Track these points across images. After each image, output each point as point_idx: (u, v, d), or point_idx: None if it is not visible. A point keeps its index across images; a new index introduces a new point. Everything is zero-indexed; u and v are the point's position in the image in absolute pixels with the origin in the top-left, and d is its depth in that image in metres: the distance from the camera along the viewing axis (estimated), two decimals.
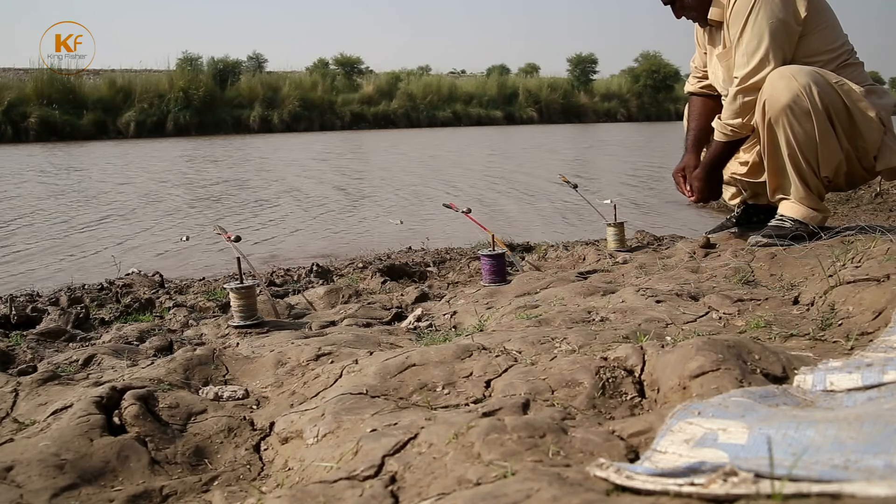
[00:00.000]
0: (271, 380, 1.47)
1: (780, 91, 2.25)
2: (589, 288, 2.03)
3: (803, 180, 2.36)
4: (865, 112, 2.25)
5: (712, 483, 0.61)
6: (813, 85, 2.21)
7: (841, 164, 2.34)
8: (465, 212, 2.86)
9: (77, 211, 6.07)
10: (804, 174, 2.35)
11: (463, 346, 1.31)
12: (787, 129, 2.28)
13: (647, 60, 32.09)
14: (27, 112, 18.66)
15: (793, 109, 2.24)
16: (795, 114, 2.25)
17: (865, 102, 2.25)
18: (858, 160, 2.35)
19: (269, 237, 4.76)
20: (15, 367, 1.78)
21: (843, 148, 2.30)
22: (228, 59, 24.79)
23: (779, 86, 2.26)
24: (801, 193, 2.39)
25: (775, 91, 2.27)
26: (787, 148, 2.32)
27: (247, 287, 2.05)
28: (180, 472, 1.10)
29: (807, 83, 2.22)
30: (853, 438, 0.66)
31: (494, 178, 8.52)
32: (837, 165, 2.33)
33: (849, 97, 2.25)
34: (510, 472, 0.75)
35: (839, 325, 1.31)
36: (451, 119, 26.07)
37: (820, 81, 2.23)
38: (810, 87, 2.21)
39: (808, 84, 2.21)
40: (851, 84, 2.27)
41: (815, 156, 2.31)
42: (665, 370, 1.04)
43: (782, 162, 2.37)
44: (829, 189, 2.49)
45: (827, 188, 2.46)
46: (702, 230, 3.00)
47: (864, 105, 2.25)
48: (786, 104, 2.25)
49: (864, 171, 2.40)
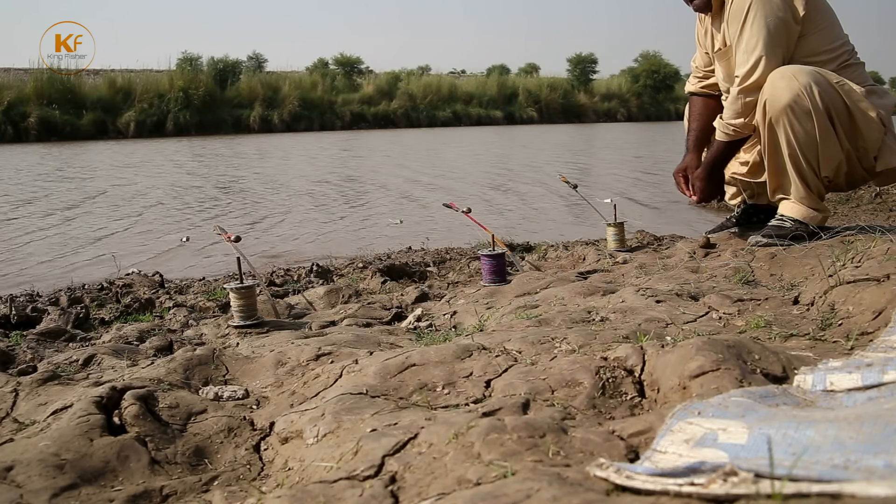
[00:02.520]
0: (271, 380, 1.47)
1: (780, 91, 2.25)
2: (589, 288, 2.03)
3: (804, 180, 2.36)
4: (866, 112, 2.25)
5: (712, 483, 0.61)
6: (814, 85, 2.21)
7: (841, 164, 2.34)
8: (465, 211, 2.86)
9: (77, 211, 6.06)
10: (804, 174, 2.35)
11: (463, 346, 1.31)
12: (788, 129, 2.28)
13: (647, 60, 32.10)
14: (27, 112, 18.66)
15: (793, 109, 2.24)
16: (796, 113, 2.25)
17: (866, 103, 2.25)
18: (859, 160, 2.35)
19: (269, 237, 4.76)
20: (15, 367, 1.78)
21: (843, 148, 2.30)
22: (228, 59, 24.80)
23: (780, 85, 2.26)
24: (801, 193, 2.39)
25: (776, 91, 2.27)
26: (788, 148, 2.32)
27: (247, 287, 2.05)
28: (180, 472, 1.10)
29: (808, 83, 2.21)
30: (853, 438, 0.66)
31: (494, 177, 8.52)
32: (838, 165, 2.33)
33: (849, 97, 2.25)
34: (510, 472, 0.75)
35: (839, 325, 1.31)
36: (451, 119, 26.07)
37: (821, 81, 2.23)
38: (811, 87, 2.21)
39: (809, 84, 2.21)
40: (852, 84, 2.26)
41: (815, 156, 2.31)
42: (665, 370, 1.04)
43: (783, 161, 2.37)
44: (829, 189, 2.49)
45: (827, 188, 2.46)
46: (702, 230, 3.00)
47: (864, 105, 2.25)
48: (786, 104, 2.25)
49: (865, 172, 2.39)
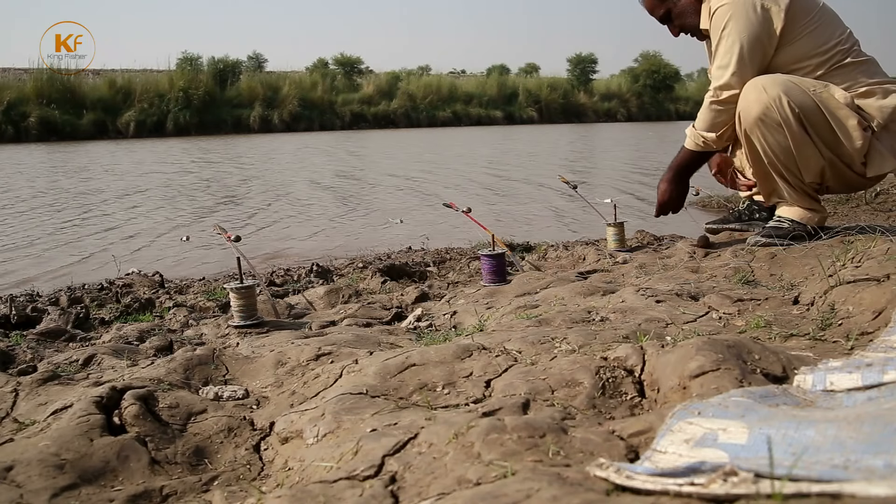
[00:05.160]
0: (271, 380, 1.47)
1: (751, 103, 2.27)
2: (589, 288, 2.03)
3: (790, 185, 2.37)
4: (845, 121, 2.21)
5: (712, 483, 0.61)
6: (783, 96, 2.20)
7: (825, 170, 2.31)
8: (465, 211, 2.86)
9: (77, 210, 6.06)
10: (789, 180, 2.36)
11: (463, 346, 1.31)
12: (762, 140, 2.30)
13: (647, 60, 32.07)
14: (27, 112, 18.66)
15: (764, 121, 2.25)
16: (767, 125, 2.26)
17: (846, 110, 2.21)
18: (848, 166, 2.30)
19: (269, 237, 4.76)
20: (15, 367, 1.78)
21: (823, 156, 2.27)
22: (228, 59, 24.81)
23: (750, 98, 2.27)
24: (793, 196, 2.40)
25: (747, 103, 2.29)
26: (766, 157, 2.34)
27: (247, 287, 2.05)
28: (180, 472, 1.10)
29: (777, 95, 2.21)
30: (853, 438, 0.66)
31: (494, 177, 8.52)
32: (821, 171, 2.32)
33: (826, 105, 2.21)
34: (510, 471, 0.75)
35: (839, 325, 1.31)
36: (451, 119, 26.07)
37: (793, 91, 2.21)
38: (780, 99, 2.20)
39: (779, 95, 2.21)
40: (834, 91, 2.23)
41: (794, 164, 2.31)
42: (665, 370, 1.04)
43: (766, 169, 2.39)
44: (823, 192, 2.48)
45: (819, 192, 2.45)
46: (702, 231, 2.99)
47: (843, 113, 2.21)
48: (757, 116, 2.26)
49: (858, 176, 2.34)
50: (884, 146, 2.26)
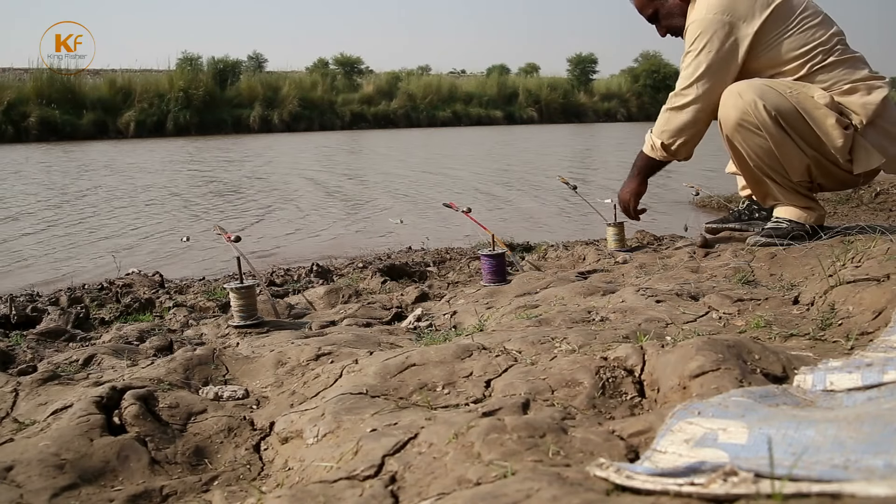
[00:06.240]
0: (271, 380, 1.47)
1: (728, 109, 2.31)
2: (589, 288, 2.03)
3: (780, 186, 2.39)
4: (823, 120, 2.22)
5: (712, 483, 0.61)
6: (758, 100, 2.23)
7: (811, 169, 2.33)
8: (465, 211, 2.86)
9: (77, 210, 6.06)
10: (777, 181, 2.38)
11: (463, 346, 1.31)
12: (744, 144, 2.34)
13: (647, 60, 32.06)
14: (27, 112, 18.65)
15: (743, 126, 2.29)
16: (747, 129, 2.29)
17: (823, 110, 2.22)
18: (834, 164, 2.30)
19: (269, 237, 4.76)
20: (15, 366, 1.78)
21: (807, 154, 2.29)
22: (228, 59, 24.78)
23: (728, 104, 2.32)
24: (786, 196, 2.41)
25: (725, 110, 2.33)
26: (751, 161, 2.37)
27: (247, 287, 2.05)
28: (180, 472, 1.10)
29: (752, 99, 2.24)
30: (853, 438, 0.66)
31: (494, 177, 8.53)
32: (806, 170, 2.33)
33: (803, 106, 2.23)
34: (510, 471, 0.75)
35: (839, 325, 1.31)
36: (451, 119, 26.06)
37: (768, 94, 2.23)
38: (755, 104, 2.23)
39: (754, 100, 2.24)
40: (811, 91, 2.24)
41: (779, 165, 2.33)
42: (665, 370, 1.04)
43: (755, 172, 2.41)
44: (816, 191, 2.49)
45: (812, 190, 2.46)
46: (702, 231, 2.99)
47: (820, 113, 2.22)
48: (735, 122, 2.30)
49: (846, 173, 2.34)
50: (869, 142, 2.26)
